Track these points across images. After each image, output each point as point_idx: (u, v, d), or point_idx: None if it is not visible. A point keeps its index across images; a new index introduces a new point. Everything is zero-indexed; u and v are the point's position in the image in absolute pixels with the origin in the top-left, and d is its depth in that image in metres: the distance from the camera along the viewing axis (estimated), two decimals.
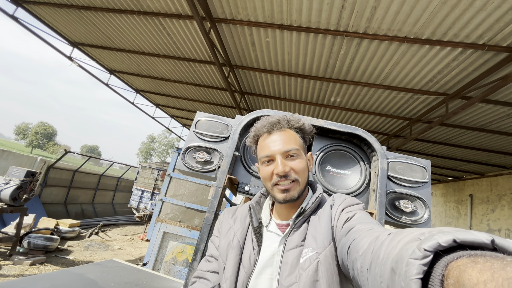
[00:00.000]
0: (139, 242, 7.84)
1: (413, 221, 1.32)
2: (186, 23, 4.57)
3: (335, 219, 0.75)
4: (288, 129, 0.84)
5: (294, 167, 0.78)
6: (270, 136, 0.82)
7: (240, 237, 0.83)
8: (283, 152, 0.78)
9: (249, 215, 0.85)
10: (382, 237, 0.45)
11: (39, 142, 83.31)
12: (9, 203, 4.52)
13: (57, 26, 5.80)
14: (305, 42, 4.21)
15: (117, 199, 12.66)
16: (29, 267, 4.46)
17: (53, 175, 8.53)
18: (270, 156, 0.79)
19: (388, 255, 0.38)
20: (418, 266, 0.30)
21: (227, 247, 0.83)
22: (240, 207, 0.96)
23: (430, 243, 0.31)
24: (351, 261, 0.55)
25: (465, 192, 9.63)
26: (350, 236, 0.61)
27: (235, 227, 0.86)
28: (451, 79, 4.21)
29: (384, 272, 0.37)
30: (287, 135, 0.81)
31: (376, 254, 0.43)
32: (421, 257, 0.31)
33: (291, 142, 0.80)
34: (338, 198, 0.83)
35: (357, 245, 0.54)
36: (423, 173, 1.40)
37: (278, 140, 0.80)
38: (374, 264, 0.42)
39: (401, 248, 0.36)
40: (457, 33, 3.31)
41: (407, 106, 5.37)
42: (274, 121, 0.83)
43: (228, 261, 0.80)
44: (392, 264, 0.36)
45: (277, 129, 0.82)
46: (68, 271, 1.06)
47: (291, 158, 0.79)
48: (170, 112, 10.69)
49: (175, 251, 2.70)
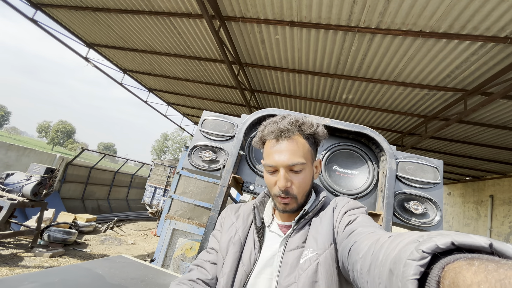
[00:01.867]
0: (152, 238, 8.05)
1: (423, 223, 1.27)
2: (196, 22, 4.60)
3: (337, 221, 0.75)
4: (298, 135, 0.78)
5: (296, 182, 0.76)
6: (277, 144, 0.77)
7: (241, 235, 0.83)
8: (288, 165, 0.75)
9: (252, 214, 0.86)
10: (382, 240, 0.46)
11: (59, 140, 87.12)
12: (30, 198, 4.75)
13: (74, 27, 6.01)
14: (316, 38, 4.14)
15: (131, 195, 13.04)
16: (49, 259, 4.69)
17: (71, 172, 8.88)
18: (274, 167, 0.77)
19: (387, 256, 0.38)
20: (416, 267, 0.31)
21: (228, 242, 0.83)
22: (244, 205, 0.96)
23: (428, 245, 0.31)
24: (352, 263, 0.55)
25: (485, 192, 9.20)
26: (351, 239, 0.61)
27: (237, 224, 0.87)
28: (470, 74, 4.01)
29: (383, 273, 0.38)
30: (295, 146, 0.76)
31: (376, 256, 0.43)
32: (419, 258, 0.31)
33: (298, 155, 0.75)
34: (341, 201, 0.82)
35: (357, 247, 0.54)
36: (435, 174, 1.34)
37: (285, 150, 0.75)
38: (374, 265, 0.42)
39: (400, 250, 0.36)
40: (477, 26, 3.14)
41: (423, 103, 5.17)
42: (283, 129, 0.76)
43: (227, 257, 0.80)
44: (390, 265, 0.36)
45: (286, 137, 0.76)
46: (78, 266, 1.10)
47: (295, 172, 0.76)
48: (182, 111, 10.85)
49: (184, 247, 2.76)
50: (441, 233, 0.33)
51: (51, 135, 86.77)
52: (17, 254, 4.61)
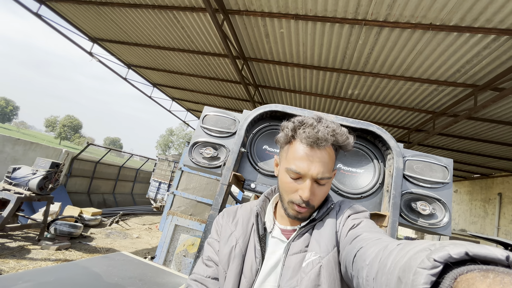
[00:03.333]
0: (156, 232, 8.14)
1: (431, 224, 1.22)
2: (200, 16, 4.54)
3: (340, 225, 0.73)
4: (331, 147, 0.74)
5: (318, 195, 0.74)
6: (310, 150, 0.72)
7: (242, 245, 0.79)
8: (317, 178, 0.71)
9: (255, 222, 0.81)
10: (391, 247, 0.44)
11: (66, 134, 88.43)
12: (36, 192, 4.82)
13: (78, 22, 5.99)
14: (321, 32, 4.04)
15: (136, 189, 13.18)
16: (55, 252, 4.77)
17: (77, 166, 8.99)
18: (302, 174, 0.72)
19: (396, 264, 0.37)
20: (426, 276, 0.29)
21: (229, 255, 0.79)
22: (240, 208, 0.92)
23: (441, 254, 0.30)
24: (357, 270, 0.53)
25: (493, 190, 9.03)
26: (356, 244, 0.59)
27: (237, 233, 0.82)
28: (482, 69, 3.88)
29: (391, 281, 0.36)
30: (326, 157, 0.73)
31: (384, 263, 0.41)
32: (430, 267, 0.30)
33: (327, 168, 0.72)
34: (344, 204, 0.80)
35: (364, 253, 0.52)
36: (444, 173, 1.28)
37: (317, 161, 0.71)
38: (381, 273, 0.41)
39: (410, 258, 0.35)
40: (490, 18, 3.01)
41: (431, 99, 5.04)
42: (321, 138, 0.71)
43: (229, 271, 0.76)
44: (399, 273, 0.35)
45: (320, 147, 0.72)
46: (75, 264, 1.08)
47: (319, 185, 0.74)
48: (186, 106, 10.84)
49: (186, 243, 2.76)
50: (454, 242, 0.32)
51: (59, 129, 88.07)
52: (24, 247, 4.70)
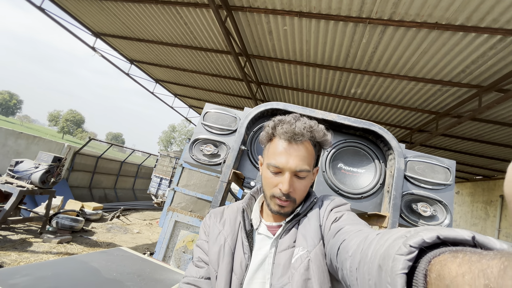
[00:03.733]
0: (157, 227, 8.19)
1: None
2: (203, 12, 4.51)
3: (324, 218, 0.75)
4: (308, 142, 0.78)
5: (298, 188, 0.77)
6: (288, 145, 0.76)
7: (231, 243, 0.80)
8: (295, 171, 0.74)
9: (241, 218, 0.83)
10: (371, 237, 0.46)
11: (69, 129, 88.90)
12: (38, 185, 4.85)
13: (81, 16, 5.98)
14: (325, 30, 4.00)
15: (138, 185, 13.24)
16: (57, 245, 4.82)
17: (79, 161, 9.04)
18: (280, 168, 0.75)
19: (376, 253, 0.39)
20: (404, 261, 0.31)
21: (219, 254, 0.79)
22: (227, 208, 0.93)
23: (415, 240, 0.32)
24: (341, 262, 0.55)
25: (495, 192, 8.97)
26: (339, 237, 0.61)
27: (225, 232, 0.83)
28: (487, 70, 3.83)
29: (372, 269, 0.38)
30: (304, 151, 0.76)
31: (365, 253, 0.43)
32: (407, 252, 0.32)
33: (306, 161, 0.75)
34: (326, 199, 0.83)
35: (346, 246, 0.54)
36: (446, 175, 1.27)
37: (294, 155, 0.75)
38: (363, 262, 0.42)
39: (388, 246, 0.36)
40: (497, 18, 2.96)
41: (434, 99, 5.00)
42: (298, 133, 0.75)
43: (220, 270, 0.77)
44: (379, 261, 0.36)
45: (297, 141, 0.76)
46: (74, 259, 1.09)
47: (299, 178, 0.76)
48: (188, 102, 10.83)
49: (186, 240, 2.77)
50: (427, 228, 0.34)
51: (61, 124, 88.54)
52: (26, 240, 4.75)
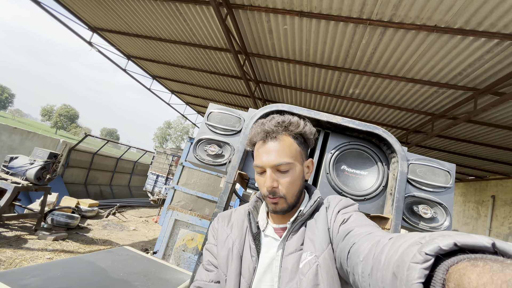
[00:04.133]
0: (153, 224, 8.17)
1: (432, 228, 1.25)
2: (203, 9, 4.47)
3: (331, 221, 0.74)
4: (286, 135, 0.78)
5: (283, 183, 0.75)
6: (264, 145, 0.77)
7: (239, 246, 0.81)
8: (273, 165, 0.74)
9: (247, 221, 0.83)
10: (383, 242, 0.45)
11: (62, 124, 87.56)
12: (33, 182, 4.79)
13: (77, 10, 5.88)
14: (325, 30, 4.02)
15: (133, 182, 13.16)
16: (52, 242, 4.77)
17: (74, 157, 8.94)
18: (261, 167, 0.77)
19: (390, 259, 0.38)
20: (420, 270, 0.30)
21: (227, 258, 0.80)
22: (234, 212, 0.93)
23: (431, 247, 0.31)
24: (351, 266, 0.54)
25: (487, 192, 9.15)
26: (349, 241, 0.60)
27: (233, 236, 0.84)
28: (483, 73, 3.89)
29: (386, 277, 0.37)
30: (281, 146, 0.76)
31: (378, 259, 0.42)
32: (422, 261, 0.30)
33: (284, 154, 0.75)
34: (333, 200, 0.82)
35: (357, 250, 0.53)
36: (447, 178, 1.30)
37: (271, 151, 0.75)
38: (376, 269, 0.42)
39: (402, 253, 0.35)
40: (495, 23, 3.02)
41: (431, 101, 5.07)
42: (269, 130, 0.77)
43: (229, 273, 0.77)
44: (393, 269, 0.36)
45: (271, 138, 0.77)
46: (80, 259, 1.09)
47: (282, 173, 0.76)
48: (185, 99, 10.77)
49: (186, 238, 2.78)
50: (443, 233, 0.33)
51: (55, 118, 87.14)
52: (21, 236, 4.70)
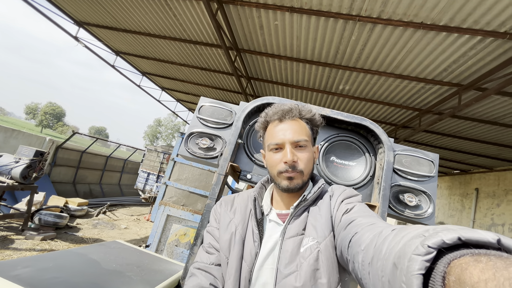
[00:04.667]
0: (144, 223, 8.09)
1: (417, 215, 1.30)
2: (193, 3, 4.42)
3: (335, 209, 0.76)
4: (299, 119, 0.84)
5: (301, 158, 0.79)
6: (281, 124, 0.82)
7: (241, 231, 0.82)
8: (293, 141, 0.78)
9: (252, 206, 0.84)
10: (386, 233, 0.46)
11: (48, 122, 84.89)
12: (19, 181, 4.65)
13: (62, 4, 5.70)
14: (315, 26, 4.05)
15: (124, 180, 12.96)
16: (40, 242, 4.67)
17: (62, 155, 8.71)
18: (280, 144, 0.79)
19: (391, 250, 0.38)
20: (421, 262, 0.30)
21: (230, 241, 0.81)
22: (237, 197, 0.94)
23: (434, 240, 0.31)
24: (352, 255, 0.55)
25: (471, 185, 9.51)
26: (351, 230, 0.61)
27: (236, 220, 0.85)
28: (467, 69, 4.03)
29: (386, 266, 0.38)
30: (297, 125, 0.82)
31: (379, 249, 0.43)
32: (424, 253, 0.30)
33: (302, 133, 0.80)
34: (337, 189, 0.84)
35: (359, 239, 0.54)
36: (430, 167, 1.36)
37: (289, 129, 0.80)
38: (376, 258, 0.42)
39: (404, 244, 0.36)
40: (478, 20, 3.12)
41: (418, 97, 5.20)
42: (287, 109, 0.83)
43: (231, 257, 0.79)
44: (394, 259, 0.36)
45: (289, 118, 0.82)
46: (72, 251, 1.08)
47: (300, 148, 0.80)
48: (176, 96, 10.64)
49: (178, 233, 2.78)
50: (447, 227, 0.33)
51: (40, 117, 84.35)
52: (7, 237, 4.57)
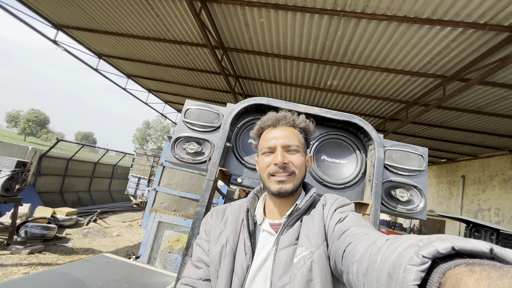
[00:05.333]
0: (137, 228, 7.94)
1: (409, 210, 1.30)
2: (176, 3, 4.32)
3: (328, 218, 0.75)
4: (292, 127, 0.86)
5: (293, 161, 0.79)
6: (274, 129, 0.85)
7: (232, 243, 0.79)
8: (285, 145, 0.80)
9: (245, 218, 0.81)
10: (380, 242, 0.45)
11: (31, 130, 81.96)
12: (1, 193, 4.45)
13: (39, 7, 5.45)
14: (301, 22, 4.03)
15: (114, 186, 12.66)
16: (27, 256, 4.49)
17: (47, 164, 8.41)
18: (272, 148, 0.81)
19: (386, 260, 0.38)
20: (416, 272, 0.30)
21: (220, 254, 0.78)
22: (229, 207, 0.91)
23: (429, 250, 0.30)
24: (346, 265, 0.54)
25: (457, 173, 9.81)
26: (345, 240, 0.60)
27: (227, 232, 0.82)
28: (450, 61, 4.11)
29: (381, 277, 0.37)
30: (290, 132, 0.84)
31: (373, 259, 0.42)
32: (419, 263, 0.30)
33: (294, 139, 0.82)
34: (330, 198, 0.83)
35: (353, 249, 0.54)
36: (420, 161, 1.36)
37: (282, 134, 0.82)
38: (371, 269, 0.42)
39: (399, 254, 0.35)
40: (459, 12, 3.18)
41: (404, 89, 5.29)
42: (280, 117, 0.85)
43: (221, 271, 0.75)
44: (389, 270, 0.35)
45: (282, 124, 0.85)
46: (54, 271, 1.02)
47: (292, 152, 0.81)
48: (163, 98, 10.45)
49: (171, 239, 2.72)
50: (441, 237, 0.33)
51: (22, 125, 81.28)
52: None
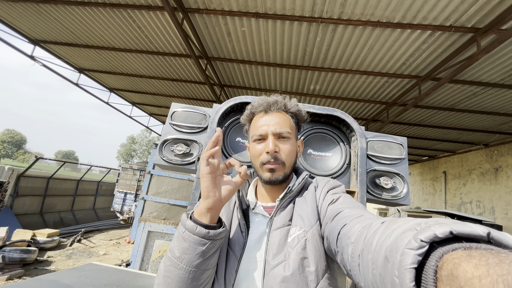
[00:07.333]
0: (125, 246, 7.62)
1: (393, 196, 1.36)
2: (157, 15, 4.36)
3: (320, 199, 0.78)
4: (284, 112, 0.85)
5: (283, 150, 0.79)
6: (266, 115, 0.83)
7: (226, 222, 0.80)
8: (276, 133, 0.79)
9: (237, 198, 0.83)
10: (375, 225, 0.46)
11: (7, 151, 77.74)
12: None
13: (14, 22, 5.32)
14: (281, 30, 4.18)
15: (99, 203, 12.16)
16: (6, 282, 4.19)
17: (25, 184, 7.98)
18: (263, 135, 0.80)
19: (382, 243, 0.38)
20: (413, 256, 0.30)
21: None
22: None
23: (427, 234, 0.31)
24: (341, 247, 0.55)
25: (439, 169, 10.22)
26: (339, 222, 0.62)
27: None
28: (422, 62, 4.37)
29: (377, 259, 0.38)
30: (282, 117, 0.83)
31: (369, 241, 0.43)
32: (417, 247, 0.31)
33: (285, 125, 0.81)
34: (322, 180, 0.86)
35: (348, 231, 0.55)
36: (400, 150, 1.44)
37: (273, 120, 0.81)
38: (366, 251, 0.42)
39: (396, 237, 0.36)
40: (426, 16, 3.42)
41: (383, 90, 5.53)
42: (272, 101, 0.84)
43: None
44: (386, 253, 0.36)
45: (274, 110, 0.83)
46: (41, 279, 0.98)
47: (283, 140, 0.80)
48: (148, 110, 10.31)
49: (162, 249, 2.64)
50: (439, 221, 0.33)
51: None
52: None
